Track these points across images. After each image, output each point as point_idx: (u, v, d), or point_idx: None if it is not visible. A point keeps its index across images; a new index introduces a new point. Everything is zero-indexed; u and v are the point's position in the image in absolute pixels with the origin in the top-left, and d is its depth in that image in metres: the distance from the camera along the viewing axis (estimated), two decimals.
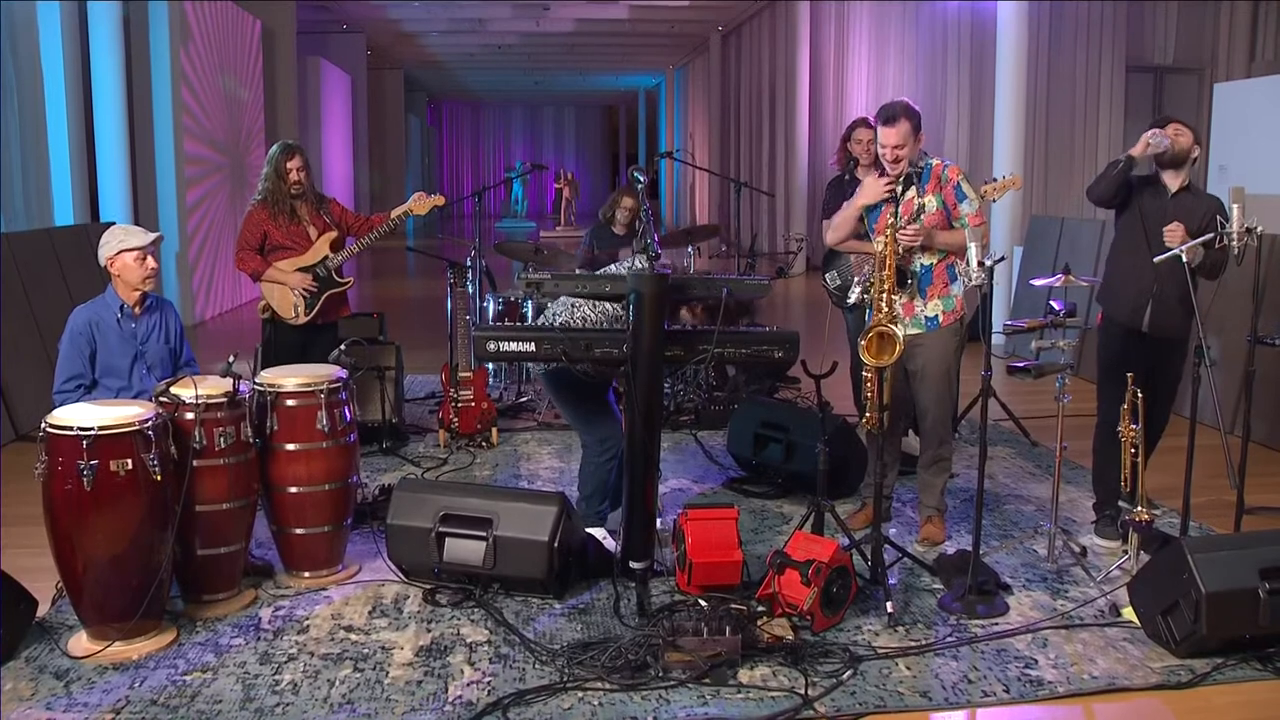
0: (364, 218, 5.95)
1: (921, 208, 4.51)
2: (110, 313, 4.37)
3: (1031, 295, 8.73)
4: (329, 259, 5.67)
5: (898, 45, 14.06)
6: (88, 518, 3.52)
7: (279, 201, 5.57)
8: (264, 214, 5.58)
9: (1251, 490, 4.58)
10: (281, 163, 5.54)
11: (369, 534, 4.64)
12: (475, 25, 20.41)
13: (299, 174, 5.55)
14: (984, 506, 4.17)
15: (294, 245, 5.63)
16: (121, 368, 4.35)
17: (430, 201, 5.83)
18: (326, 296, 5.70)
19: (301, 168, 5.56)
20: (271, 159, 5.59)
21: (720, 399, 6.93)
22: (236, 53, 12.99)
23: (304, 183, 5.58)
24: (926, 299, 4.59)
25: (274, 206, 5.57)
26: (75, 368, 4.28)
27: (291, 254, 5.62)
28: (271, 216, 5.58)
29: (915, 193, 4.53)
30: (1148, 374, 4.48)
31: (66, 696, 3.39)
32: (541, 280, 4.30)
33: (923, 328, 4.59)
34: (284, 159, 5.55)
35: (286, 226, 5.60)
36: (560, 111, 38.99)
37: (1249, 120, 9.49)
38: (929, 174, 4.55)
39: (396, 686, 3.46)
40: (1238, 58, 12.49)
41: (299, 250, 5.63)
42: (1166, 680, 3.52)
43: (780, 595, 3.82)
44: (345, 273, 5.82)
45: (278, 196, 5.56)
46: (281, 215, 5.58)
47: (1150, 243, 4.53)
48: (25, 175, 8.35)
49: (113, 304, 4.38)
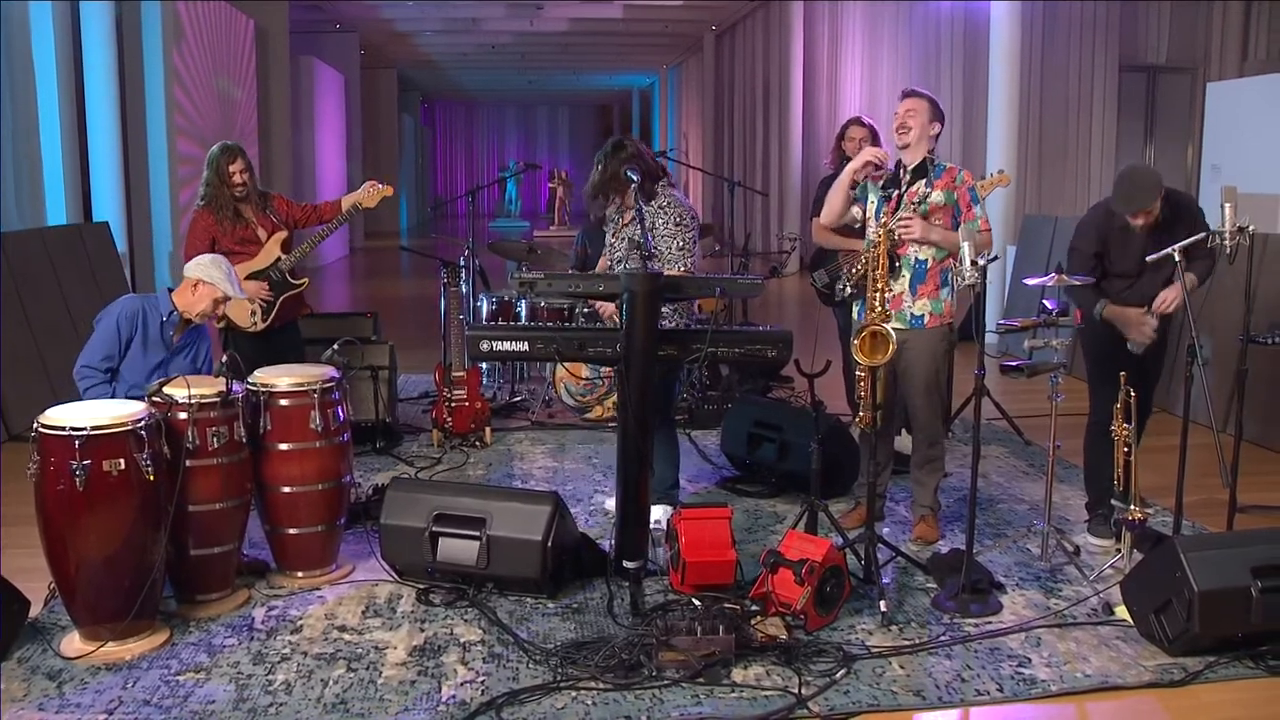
0: (311, 207, 5.82)
1: (926, 197, 4.49)
2: (157, 313, 4.41)
3: (1025, 294, 8.74)
4: (281, 260, 5.51)
5: (891, 45, 14.07)
6: (80, 518, 3.51)
7: (222, 205, 5.39)
8: (209, 218, 5.40)
9: (1244, 489, 4.59)
10: (223, 165, 5.35)
11: (362, 534, 4.63)
12: (469, 25, 20.38)
13: (242, 175, 5.38)
14: (977, 505, 4.17)
15: (243, 250, 5.44)
16: (143, 368, 4.36)
17: (380, 193, 5.68)
18: (283, 299, 5.54)
19: (244, 169, 5.40)
20: (211, 161, 5.40)
21: (714, 398, 6.93)
22: (230, 52, 12.97)
23: (248, 184, 5.42)
24: (915, 296, 4.56)
25: (218, 211, 5.39)
26: (110, 348, 4.30)
27: (242, 258, 5.40)
28: (217, 221, 5.39)
29: (923, 184, 4.52)
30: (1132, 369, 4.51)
31: (59, 697, 3.38)
32: (535, 280, 4.30)
33: (906, 324, 4.55)
34: (225, 161, 5.36)
35: (233, 230, 5.42)
36: (554, 111, 38.97)
37: (1241, 119, 9.51)
38: (942, 171, 4.55)
39: (390, 686, 3.46)
40: (1230, 57, 12.51)
41: (249, 254, 5.46)
42: (1159, 679, 3.52)
43: (774, 594, 3.82)
44: (299, 273, 5.67)
45: (221, 200, 5.38)
46: (226, 219, 5.40)
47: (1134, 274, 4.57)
48: (18, 175, 8.33)
49: (164, 306, 4.42)
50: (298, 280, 5.65)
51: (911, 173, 4.52)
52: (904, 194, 4.48)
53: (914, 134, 4.49)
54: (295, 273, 5.65)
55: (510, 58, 25.12)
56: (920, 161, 4.52)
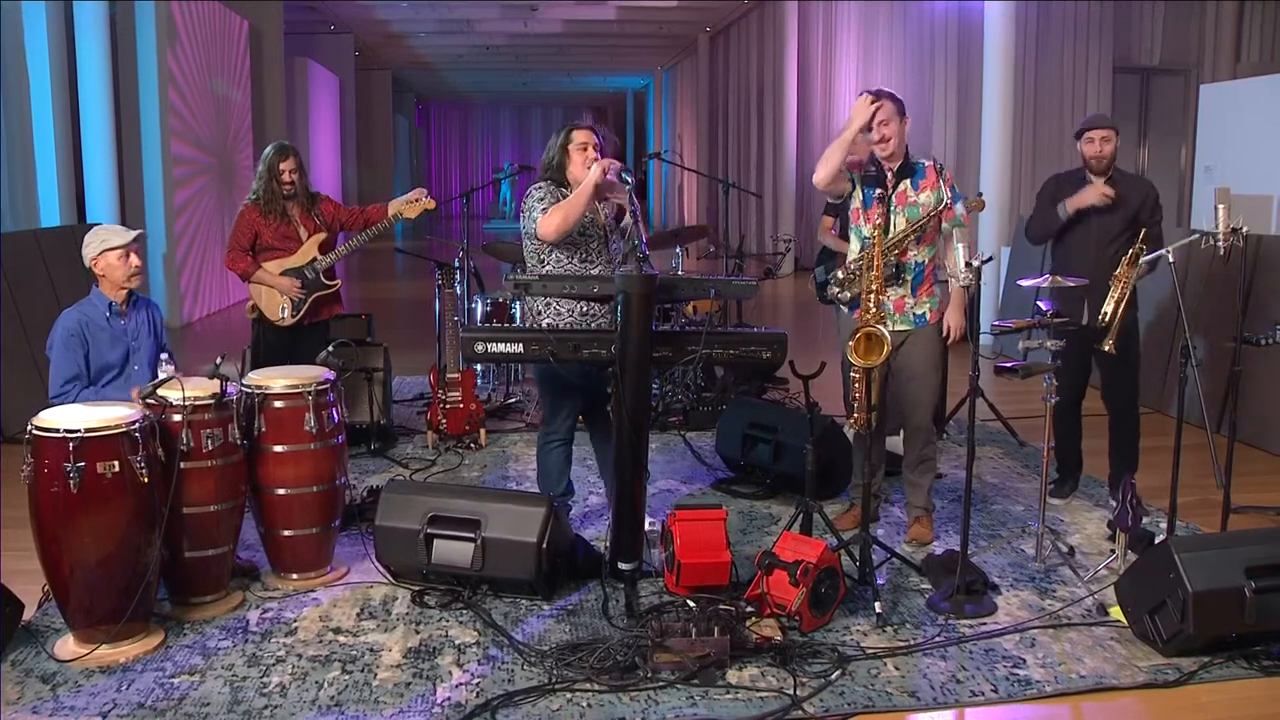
0: (359, 211, 5.93)
1: (915, 203, 4.53)
2: (99, 312, 4.37)
3: (1019, 296, 8.75)
4: (317, 261, 5.68)
5: (885, 46, 14.08)
6: (74, 520, 3.50)
7: (271, 202, 5.59)
8: (256, 214, 5.61)
9: (1238, 489, 4.60)
10: (276, 163, 5.57)
11: (357, 536, 4.63)
12: (463, 26, 20.37)
13: (292, 175, 5.59)
14: (972, 506, 4.17)
15: (283, 247, 5.64)
16: (115, 363, 4.36)
17: (423, 205, 5.82)
18: (314, 298, 5.70)
19: (295, 169, 5.60)
20: (266, 159, 5.61)
21: (709, 399, 6.94)
22: (224, 53, 12.94)
23: (297, 184, 5.61)
24: (917, 295, 4.61)
25: (266, 207, 5.60)
26: (70, 369, 4.26)
27: (280, 255, 5.63)
28: (263, 216, 5.60)
29: (910, 186, 4.54)
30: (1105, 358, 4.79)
31: (53, 700, 3.37)
32: (529, 281, 4.30)
33: (912, 324, 4.61)
34: (278, 159, 5.58)
35: (277, 227, 5.62)
36: (548, 112, 38.91)
37: (1234, 121, 9.53)
38: (923, 171, 4.57)
39: (385, 688, 3.46)
40: (1223, 59, 12.54)
41: (288, 252, 5.64)
42: (1154, 679, 3.53)
43: (769, 596, 3.82)
44: (335, 274, 5.81)
45: (270, 197, 5.58)
46: (273, 216, 5.61)
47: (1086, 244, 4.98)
48: (11, 176, 8.31)
49: (100, 304, 4.38)
50: (331, 281, 5.77)
51: (896, 174, 4.55)
52: (892, 195, 4.48)
53: (894, 143, 4.52)
54: (330, 274, 5.77)
55: (505, 59, 25.12)
56: (903, 161, 4.56)
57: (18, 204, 8.39)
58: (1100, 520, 5.01)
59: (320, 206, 5.79)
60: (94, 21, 9.56)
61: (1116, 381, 5.12)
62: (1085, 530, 4.94)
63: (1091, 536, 4.85)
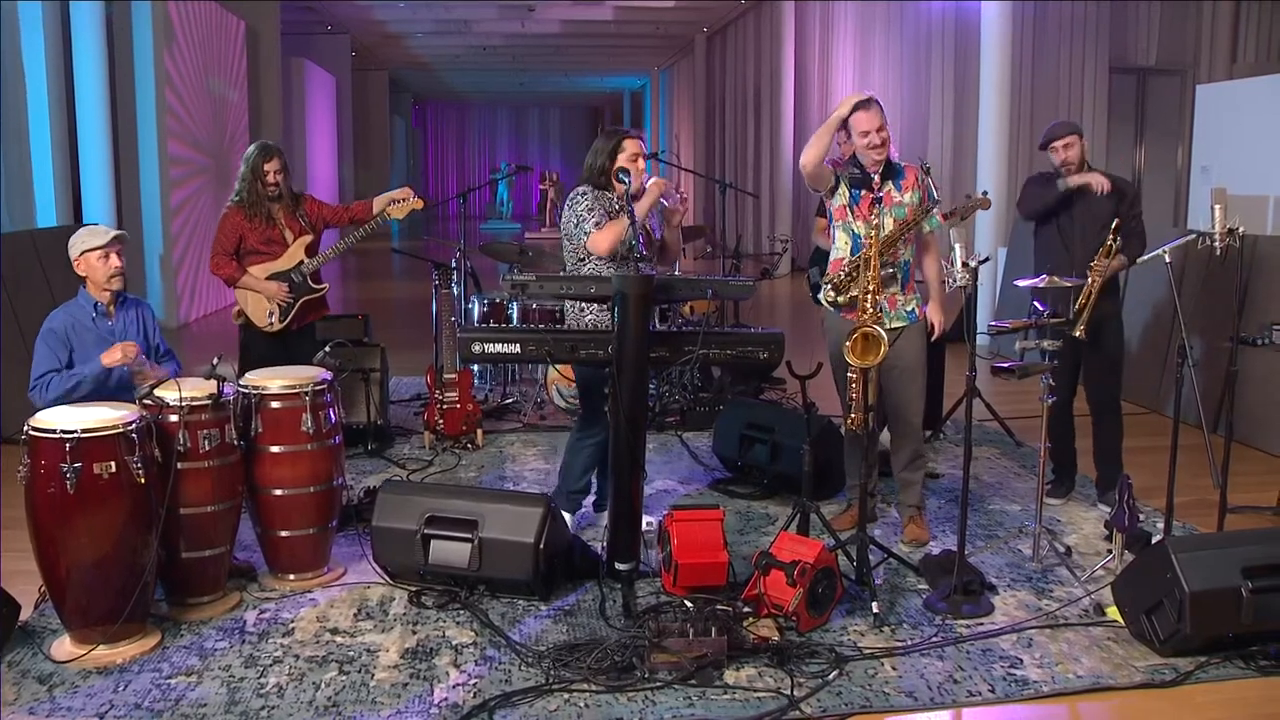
0: (343, 208, 5.85)
1: (902, 204, 4.58)
2: (85, 314, 4.36)
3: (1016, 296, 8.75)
4: (304, 264, 5.58)
5: (882, 46, 14.09)
6: (71, 520, 3.50)
7: (256, 204, 5.46)
8: (240, 217, 5.49)
9: (1234, 489, 4.61)
10: (259, 164, 5.44)
11: (354, 536, 4.63)
12: (460, 26, 20.36)
13: (276, 176, 5.46)
14: (969, 506, 4.18)
15: (268, 250, 5.52)
16: None
17: (410, 205, 5.69)
18: (302, 302, 5.62)
19: (280, 169, 5.47)
20: (249, 160, 5.48)
21: (706, 400, 6.94)
22: (220, 54, 12.93)
23: (281, 185, 5.49)
24: (906, 292, 4.65)
25: (250, 209, 5.47)
26: (51, 364, 4.25)
27: (266, 259, 5.51)
28: (248, 219, 5.48)
29: (894, 188, 4.57)
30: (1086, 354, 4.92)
31: (50, 701, 3.37)
32: (526, 281, 4.29)
33: (905, 320, 4.64)
34: (262, 160, 5.44)
35: (262, 230, 5.50)
36: (545, 113, 38.92)
37: (1231, 121, 9.54)
38: (904, 172, 4.63)
39: (382, 689, 3.45)
40: (1219, 59, 12.57)
41: (273, 255, 5.53)
42: (1151, 679, 3.53)
43: (766, 596, 3.82)
44: (321, 277, 5.73)
45: (255, 199, 5.46)
46: (258, 218, 5.48)
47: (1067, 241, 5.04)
48: (8, 176, 8.30)
49: (86, 305, 4.37)
50: (319, 285, 5.70)
51: (881, 175, 4.57)
52: (880, 196, 4.49)
53: (888, 146, 4.57)
54: (317, 277, 5.68)
55: (502, 59, 25.11)
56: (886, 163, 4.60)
57: (14, 204, 8.38)
58: (1097, 520, 5.01)
59: (304, 206, 5.66)
60: (90, 22, 9.55)
61: (1097, 378, 5.15)
62: (1082, 530, 4.94)
63: (1088, 536, 4.86)
